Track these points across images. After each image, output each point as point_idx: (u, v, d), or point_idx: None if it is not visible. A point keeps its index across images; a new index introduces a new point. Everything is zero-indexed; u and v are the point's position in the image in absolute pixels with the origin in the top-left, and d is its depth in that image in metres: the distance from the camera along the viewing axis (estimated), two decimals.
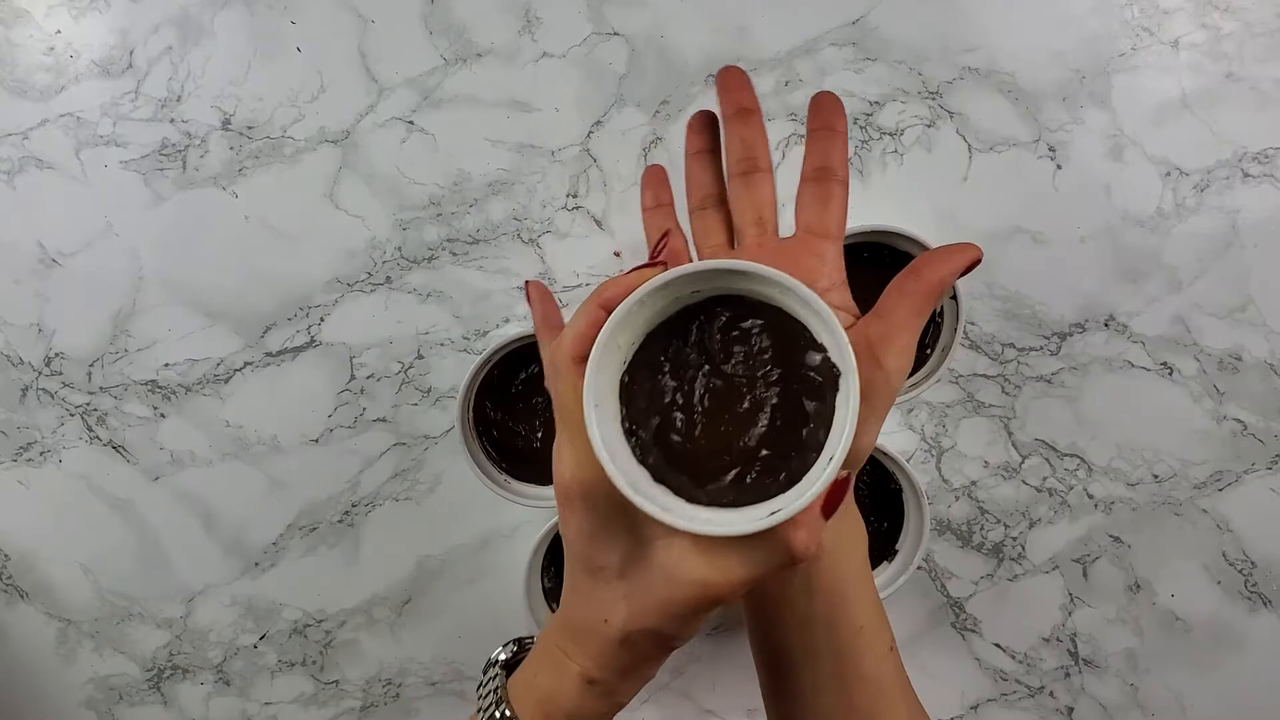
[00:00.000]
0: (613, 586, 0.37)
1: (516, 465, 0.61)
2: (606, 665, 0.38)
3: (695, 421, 0.35)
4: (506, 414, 0.61)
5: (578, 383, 0.34)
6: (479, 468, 0.59)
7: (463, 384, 0.58)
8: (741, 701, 0.67)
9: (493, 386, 0.60)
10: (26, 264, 0.63)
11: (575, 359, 0.35)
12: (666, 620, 0.36)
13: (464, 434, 0.59)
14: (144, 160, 0.62)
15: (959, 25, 0.61)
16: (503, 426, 0.61)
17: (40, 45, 0.62)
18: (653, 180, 0.48)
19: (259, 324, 0.64)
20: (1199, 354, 0.63)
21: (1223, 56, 0.61)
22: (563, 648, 0.39)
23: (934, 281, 0.38)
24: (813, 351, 0.34)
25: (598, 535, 0.36)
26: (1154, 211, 0.62)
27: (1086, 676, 0.65)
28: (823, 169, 0.41)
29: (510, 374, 0.61)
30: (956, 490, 0.65)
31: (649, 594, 0.36)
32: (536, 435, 0.61)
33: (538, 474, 0.61)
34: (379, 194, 0.63)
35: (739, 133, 0.43)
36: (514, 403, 0.61)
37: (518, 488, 0.60)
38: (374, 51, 0.62)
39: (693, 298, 0.35)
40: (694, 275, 0.34)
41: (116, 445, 0.64)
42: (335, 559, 0.65)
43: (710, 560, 0.34)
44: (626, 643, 0.37)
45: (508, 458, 0.61)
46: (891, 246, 0.59)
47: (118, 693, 0.66)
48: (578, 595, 0.38)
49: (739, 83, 0.43)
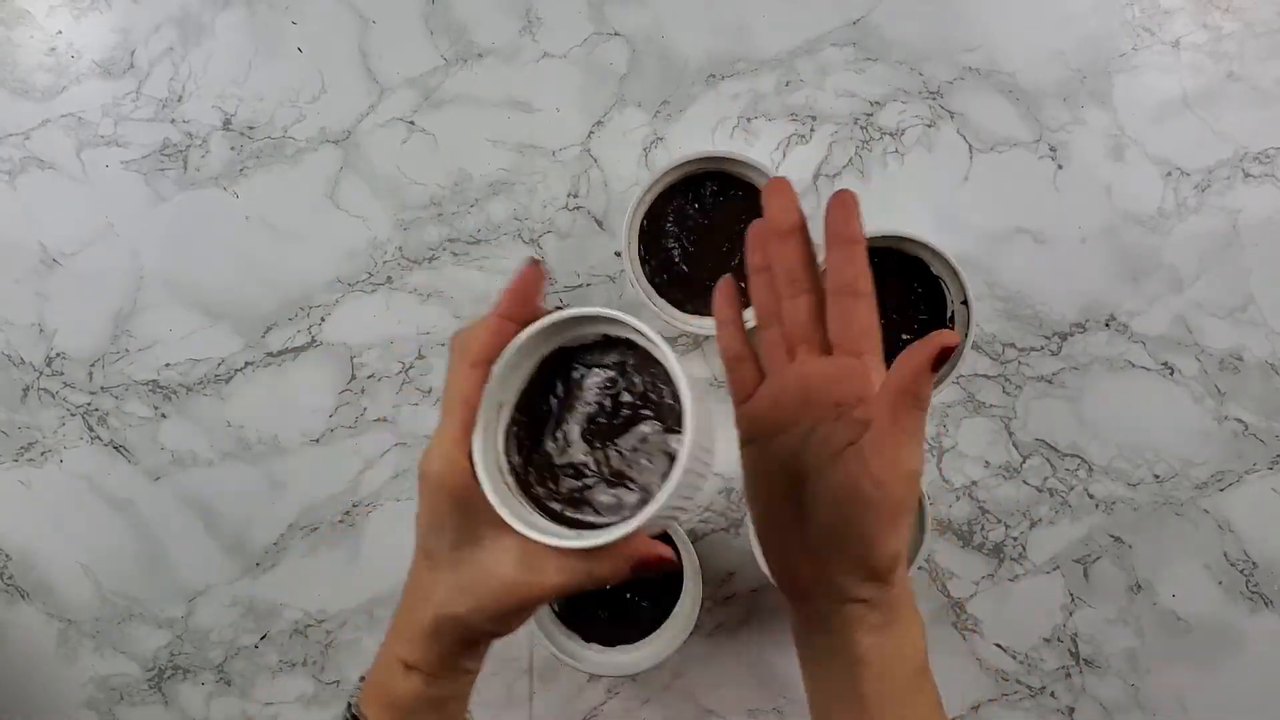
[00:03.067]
0: (436, 573, 0.40)
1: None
2: (419, 649, 0.40)
3: (566, 446, 0.40)
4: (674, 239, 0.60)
5: (465, 384, 0.38)
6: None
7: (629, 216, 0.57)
8: (742, 702, 0.67)
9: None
10: (28, 264, 0.63)
11: (473, 363, 0.38)
12: (473, 612, 0.39)
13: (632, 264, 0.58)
14: (145, 160, 0.63)
15: (960, 25, 0.61)
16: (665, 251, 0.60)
17: (41, 45, 0.62)
18: (721, 296, 0.48)
19: (260, 324, 0.64)
20: (1200, 354, 0.63)
21: (1224, 56, 0.61)
22: (393, 632, 0.42)
23: (907, 379, 0.38)
24: (680, 423, 0.38)
25: (435, 523, 0.39)
26: (1155, 211, 0.62)
27: (1087, 677, 0.65)
28: (842, 286, 0.42)
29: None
30: (957, 490, 0.65)
31: (465, 588, 0.39)
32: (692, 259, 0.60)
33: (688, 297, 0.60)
34: (380, 194, 0.63)
35: (783, 256, 0.44)
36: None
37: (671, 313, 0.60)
38: (375, 51, 0.62)
39: (598, 339, 0.40)
40: (595, 318, 0.38)
41: (117, 445, 0.64)
42: (336, 559, 0.65)
43: (528, 564, 0.37)
44: (437, 631, 0.40)
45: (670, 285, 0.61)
46: (900, 251, 0.59)
47: (118, 693, 0.67)
48: (410, 579, 0.41)
49: (782, 199, 0.44)
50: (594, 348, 0.40)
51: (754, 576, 0.65)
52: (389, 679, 0.41)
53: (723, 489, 0.65)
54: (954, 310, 0.59)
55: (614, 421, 0.40)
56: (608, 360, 0.40)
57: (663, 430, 0.39)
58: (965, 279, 0.57)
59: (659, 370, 0.39)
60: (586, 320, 0.39)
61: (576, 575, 0.38)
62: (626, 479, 0.39)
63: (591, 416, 0.40)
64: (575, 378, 0.40)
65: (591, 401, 0.40)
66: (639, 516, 0.36)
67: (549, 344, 0.40)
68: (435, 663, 0.41)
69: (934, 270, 0.59)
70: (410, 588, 0.42)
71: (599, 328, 0.39)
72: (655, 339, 0.37)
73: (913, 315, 0.60)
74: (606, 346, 0.40)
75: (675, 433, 0.39)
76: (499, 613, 0.39)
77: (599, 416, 0.40)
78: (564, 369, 0.41)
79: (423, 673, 0.41)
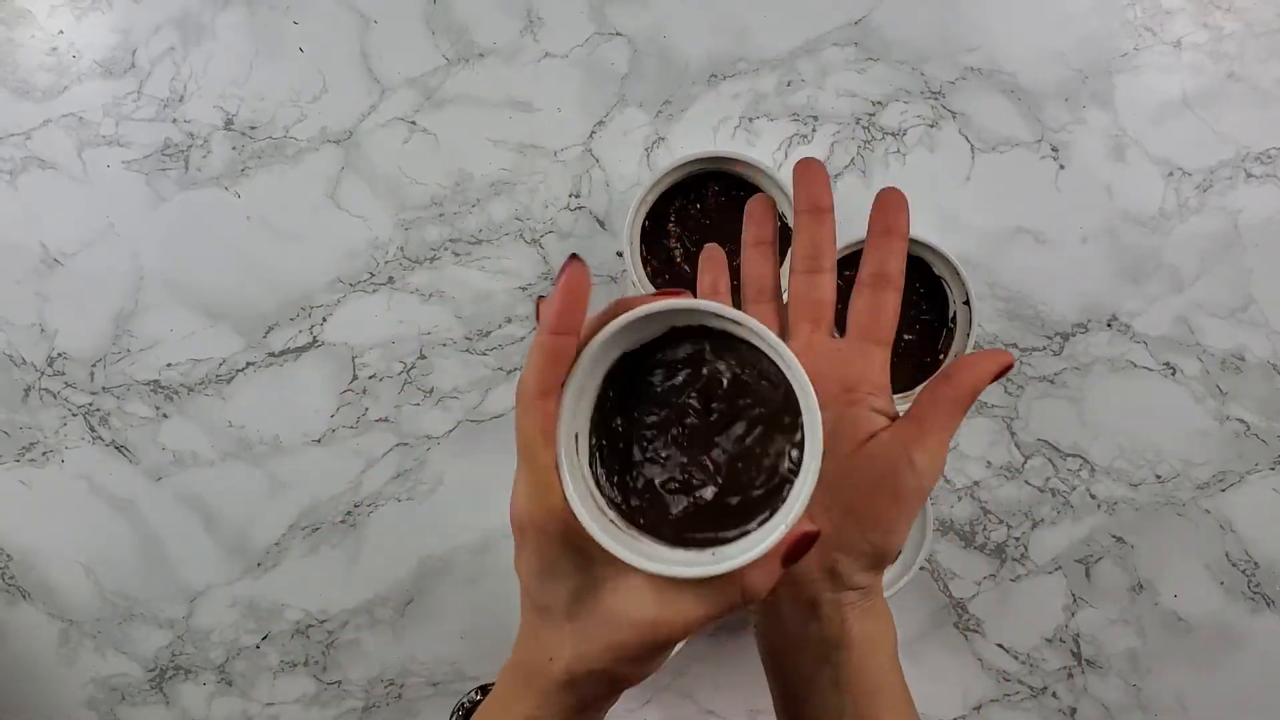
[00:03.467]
0: (559, 627, 0.36)
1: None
2: (549, 707, 0.37)
3: (665, 460, 0.35)
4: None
5: (538, 416, 0.34)
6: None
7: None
8: (743, 702, 0.67)
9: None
10: (29, 264, 0.63)
11: (540, 393, 0.34)
12: (616, 661, 0.35)
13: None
14: (146, 160, 0.62)
15: (961, 25, 0.61)
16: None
17: (43, 45, 0.62)
18: (712, 266, 0.47)
19: (261, 324, 0.64)
20: (1201, 354, 0.63)
21: (1224, 56, 0.61)
22: (512, 689, 0.39)
23: (966, 388, 0.40)
24: (787, 405, 0.34)
25: (546, 573, 0.36)
26: (1156, 211, 0.62)
27: (1089, 677, 0.65)
28: (880, 275, 0.42)
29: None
30: (959, 490, 0.65)
31: (597, 635, 0.35)
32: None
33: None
34: (381, 194, 0.63)
35: (811, 232, 0.43)
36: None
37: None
38: (376, 51, 0.62)
39: (656, 335, 0.36)
40: (667, 313, 0.34)
41: (119, 445, 0.64)
42: (337, 559, 0.65)
43: (664, 599, 0.34)
44: (572, 684, 0.36)
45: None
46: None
47: (119, 693, 0.66)
48: (525, 634, 0.38)
49: (819, 179, 0.43)
50: (660, 344, 0.36)
51: None
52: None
53: None
54: (956, 310, 0.59)
55: (709, 419, 0.35)
56: (681, 355, 0.36)
57: (768, 412, 0.35)
58: (967, 279, 0.57)
59: (744, 350, 0.35)
60: (651, 318, 0.34)
61: (725, 598, 0.34)
62: (744, 476, 0.35)
63: (681, 421, 0.35)
64: (651, 383, 0.36)
65: (677, 404, 0.35)
66: (790, 509, 0.33)
67: (611, 355, 0.35)
68: (568, 714, 0.38)
69: (936, 270, 0.59)
70: (527, 643, 0.38)
71: (665, 322, 0.35)
72: (737, 316, 0.33)
73: (914, 315, 0.60)
74: (674, 340, 0.36)
75: (783, 412, 0.35)
76: (641, 656, 0.35)
77: (689, 419, 0.35)
78: (634, 377, 0.36)
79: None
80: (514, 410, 0.34)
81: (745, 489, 0.35)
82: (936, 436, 0.40)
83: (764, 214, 0.46)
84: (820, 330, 0.43)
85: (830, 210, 0.43)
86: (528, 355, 0.34)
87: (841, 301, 0.59)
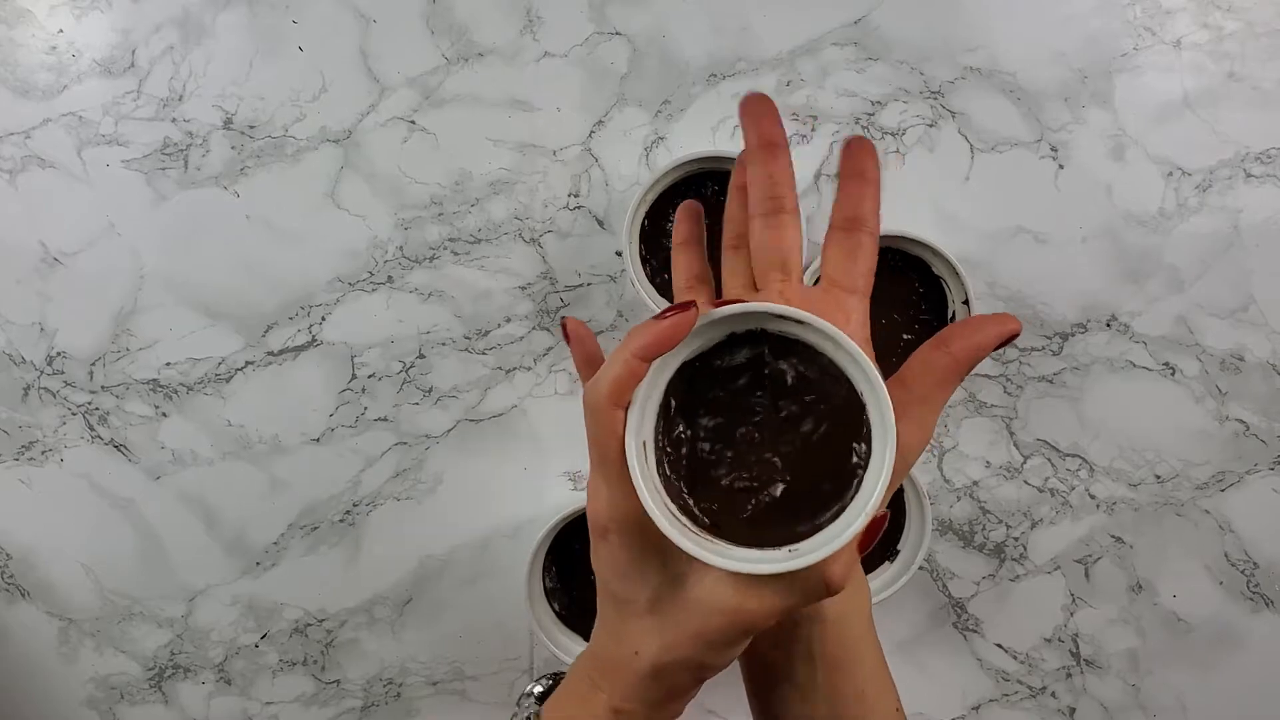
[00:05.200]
0: (642, 620, 0.37)
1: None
2: (635, 697, 0.38)
3: (731, 461, 0.36)
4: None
5: (615, 426, 0.35)
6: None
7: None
8: (743, 701, 0.67)
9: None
10: (28, 263, 0.63)
11: (613, 404, 0.34)
12: (701, 649, 0.36)
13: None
14: (146, 159, 0.63)
15: (961, 25, 0.61)
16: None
17: (42, 45, 0.62)
18: (686, 216, 0.46)
19: (260, 323, 0.64)
20: (1201, 354, 0.63)
21: (1225, 56, 0.61)
22: (592, 679, 0.39)
23: (963, 354, 0.37)
24: (851, 400, 0.35)
25: (630, 570, 0.37)
26: (1156, 211, 0.62)
27: (1088, 677, 0.65)
28: (853, 219, 0.39)
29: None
30: (958, 490, 0.65)
31: (682, 626, 0.36)
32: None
33: None
34: (380, 193, 0.63)
35: (767, 168, 0.40)
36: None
37: None
38: (375, 51, 0.62)
39: (721, 339, 0.36)
40: (731, 318, 0.35)
41: (118, 444, 0.64)
42: (336, 558, 0.65)
43: (746, 590, 0.35)
44: (657, 675, 0.37)
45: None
46: (902, 251, 0.59)
47: (119, 692, 0.67)
48: (607, 628, 0.39)
49: (764, 110, 0.40)
50: (719, 351, 0.36)
51: None
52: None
53: None
54: (955, 310, 0.59)
55: (775, 417, 0.36)
56: (740, 359, 0.36)
57: (832, 407, 0.35)
58: (966, 279, 0.57)
59: (801, 349, 0.36)
60: (707, 327, 0.35)
61: (809, 589, 0.35)
62: (812, 472, 0.35)
63: (747, 422, 0.36)
64: (713, 388, 0.36)
65: (741, 406, 0.36)
66: (868, 500, 0.34)
67: (672, 365, 0.36)
68: (649, 708, 0.39)
69: (935, 270, 0.59)
70: (605, 638, 0.39)
71: (724, 328, 0.36)
72: (799, 315, 0.34)
73: (914, 315, 0.60)
74: (733, 345, 0.36)
75: (848, 405, 0.35)
76: (726, 642, 0.36)
77: (754, 420, 0.36)
78: (695, 384, 0.37)
79: (636, 716, 0.39)
80: (584, 421, 0.35)
81: (815, 484, 0.35)
82: (925, 407, 0.37)
83: (739, 161, 0.43)
84: (791, 279, 0.39)
85: (785, 146, 0.40)
86: (604, 369, 0.34)
87: None
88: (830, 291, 0.39)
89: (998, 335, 0.36)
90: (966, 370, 0.37)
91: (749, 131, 0.41)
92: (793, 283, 0.39)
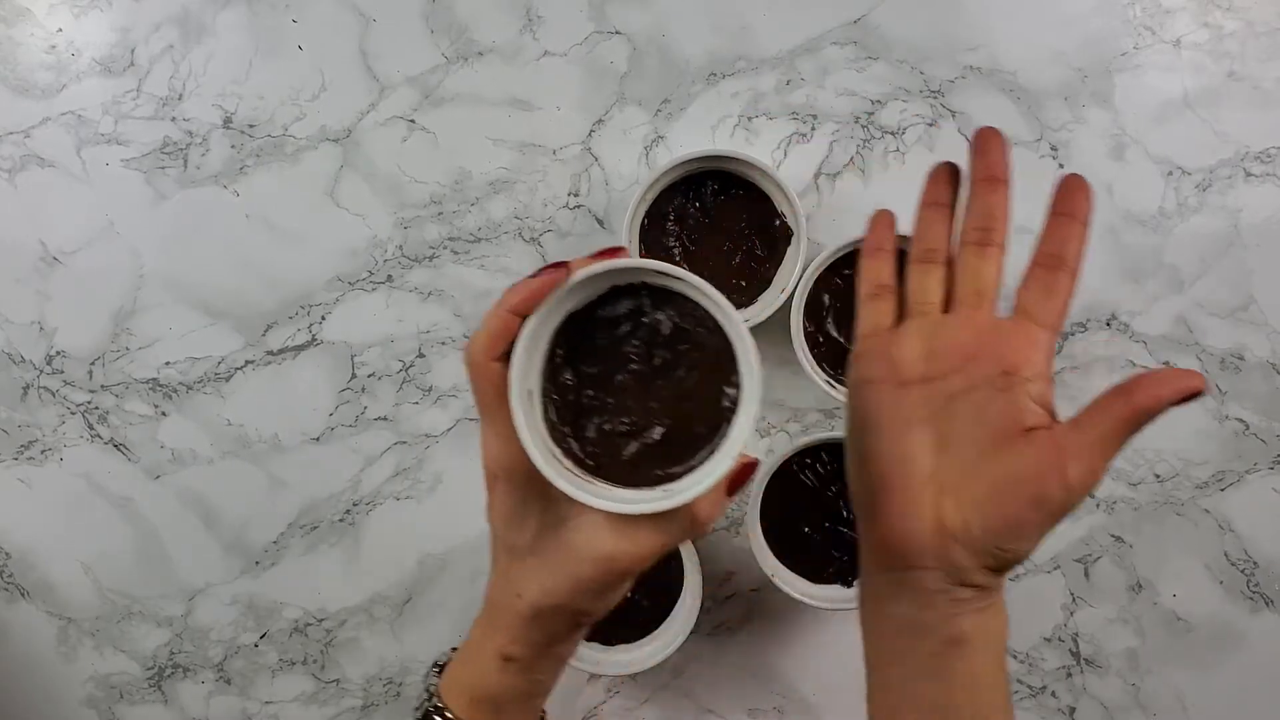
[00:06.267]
0: (526, 564, 0.39)
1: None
2: (519, 639, 0.40)
3: (613, 407, 0.38)
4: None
5: (493, 377, 0.36)
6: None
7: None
8: (742, 701, 0.67)
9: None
10: (28, 262, 0.63)
11: (489, 357, 0.36)
12: (576, 595, 0.38)
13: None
14: (145, 159, 0.62)
15: (961, 24, 0.61)
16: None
17: (42, 43, 0.62)
18: (880, 224, 0.47)
19: (260, 322, 0.64)
20: (1201, 354, 0.63)
21: (1225, 55, 0.61)
22: (481, 628, 0.41)
23: (1143, 406, 0.37)
24: (723, 348, 0.38)
25: (515, 516, 0.38)
26: (1156, 211, 0.62)
27: (1088, 676, 0.65)
28: (1056, 256, 0.40)
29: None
30: None
31: (560, 569, 0.38)
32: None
33: None
34: (380, 192, 0.63)
35: (986, 201, 0.42)
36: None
37: None
38: (375, 50, 0.62)
39: (605, 290, 0.38)
40: (613, 271, 0.37)
41: (117, 443, 0.64)
42: (336, 557, 0.65)
43: (621, 533, 0.36)
44: (537, 616, 0.39)
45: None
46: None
47: (118, 691, 0.66)
48: (496, 574, 0.41)
49: (994, 146, 0.42)
50: (603, 302, 0.39)
51: (754, 576, 0.65)
52: (483, 673, 0.41)
53: None
54: None
55: (652, 365, 0.38)
56: (622, 310, 0.39)
57: (706, 356, 0.38)
58: None
59: (680, 302, 0.38)
60: (590, 280, 0.37)
61: (677, 529, 0.37)
62: (687, 417, 0.38)
63: (626, 370, 0.39)
64: (596, 338, 0.39)
65: (622, 356, 0.39)
66: (733, 444, 0.36)
67: (557, 316, 0.38)
68: (534, 651, 0.41)
69: None
70: (497, 583, 0.41)
71: (605, 282, 0.38)
72: (676, 271, 0.36)
73: None
74: (615, 297, 0.39)
75: (720, 355, 0.38)
76: (601, 588, 0.38)
77: (633, 367, 0.39)
78: (580, 334, 0.39)
79: (520, 663, 0.41)
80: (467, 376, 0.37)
81: (689, 428, 0.38)
82: (1097, 451, 0.37)
83: (948, 178, 0.45)
84: (984, 306, 0.42)
85: (1007, 182, 0.42)
86: (481, 324, 0.37)
87: (841, 301, 0.59)
88: (1021, 323, 0.40)
89: (1180, 390, 0.37)
90: (1144, 421, 0.37)
91: (977, 163, 0.42)
92: (985, 309, 0.41)
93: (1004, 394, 0.39)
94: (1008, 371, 0.39)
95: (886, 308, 0.44)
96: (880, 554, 0.41)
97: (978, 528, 0.38)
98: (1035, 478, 0.37)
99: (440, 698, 0.42)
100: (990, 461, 0.39)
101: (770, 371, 0.63)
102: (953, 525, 0.39)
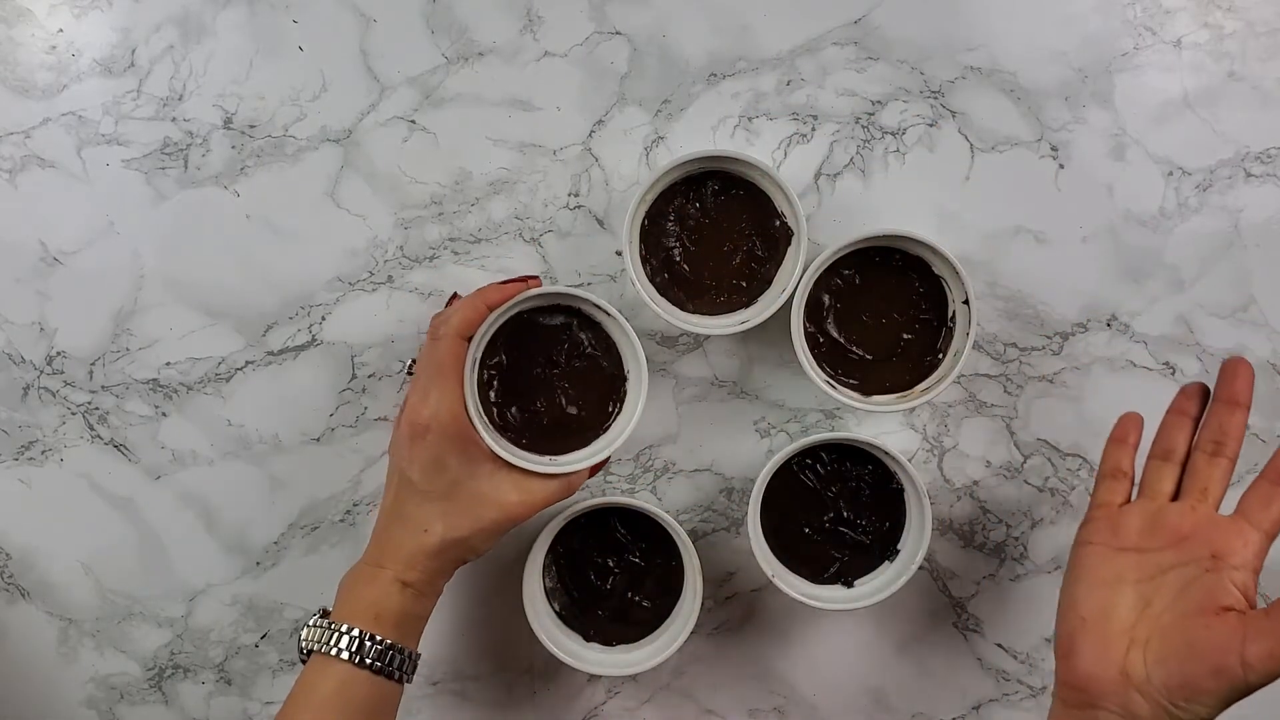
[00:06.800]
0: (436, 505, 0.51)
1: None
2: (420, 567, 0.51)
3: (533, 390, 0.56)
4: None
5: (459, 351, 0.51)
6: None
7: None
8: (742, 701, 0.67)
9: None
10: (28, 263, 0.63)
11: (460, 336, 0.52)
12: (476, 534, 0.51)
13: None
14: (146, 159, 0.63)
15: (961, 25, 0.61)
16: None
17: (42, 44, 0.62)
18: (1129, 423, 0.53)
19: (260, 323, 0.64)
20: (1201, 354, 0.63)
21: (1225, 56, 0.61)
22: (377, 563, 0.51)
23: None
24: (616, 374, 0.57)
25: (434, 464, 0.50)
26: (1156, 211, 0.62)
27: None
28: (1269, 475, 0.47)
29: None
30: (958, 490, 0.65)
31: (469, 512, 0.51)
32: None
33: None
34: (380, 193, 0.63)
35: (1222, 418, 0.48)
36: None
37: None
38: (376, 50, 0.62)
39: (547, 305, 0.56)
40: (559, 294, 0.55)
41: (118, 444, 0.64)
42: (337, 558, 0.65)
43: (520, 488, 0.53)
44: (442, 551, 0.51)
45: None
46: (901, 250, 0.59)
47: (119, 692, 0.66)
48: (400, 515, 0.51)
49: (1240, 374, 0.48)
50: (545, 310, 0.56)
51: (754, 577, 0.65)
52: (384, 597, 0.50)
53: (723, 488, 0.65)
54: (955, 310, 0.59)
55: (572, 364, 0.56)
56: (556, 321, 0.56)
57: (605, 373, 0.56)
58: (966, 278, 0.57)
59: (599, 327, 0.56)
60: (544, 295, 0.55)
61: (558, 490, 0.54)
62: (584, 410, 0.56)
63: (548, 367, 0.55)
64: (533, 338, 0.55)
65: (547, 355, 0.55)
66: (611, 442, 0.55)
67: (509, 313, 0.54)
68: (428, 579, 0.51)
69: (935, 270, 0.59)
70: (397, 519, 0.52)
71: (554, 299, 0.55)
72: (607, 308, 0.54)
73: (914, 315, 0.60)
74: (555, 311, 0.56)
75: (613, 377, 0.56)
76: (495, 530, 0.52)
77: (554, 364, 0.55)
78: (521, 331, 0.55)
79: (415, 589, 0.51)
80: (425, 344, 0.53)
81: (583, 419, 0.56)
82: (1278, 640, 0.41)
83: (1197, 395, 0.51)
84: (1207, 501, 0.47)
85: (1246, 407, 0.48)
86: (457, 308, 0.52)
87: (841, 301, 0.59)
88: (1238, 522, 0.46)
89: None
90: None
91: (1222, 386, 0.49)
92: (1207, 505, 0.47)
93: (1210, 574, 0.44)
94: (1217, 555, 0.44)
95: (1120, 488, 0.50)
96: (1069, 690, 0.46)
97: (1159, 681, 0.43)
98: (1218, 649, 0.42)
99: (333, 619, 0.50)
100: (1183, 628, 0.43)
101: (770, 372, 0.64)
102: (1136, 675, 0.43)
